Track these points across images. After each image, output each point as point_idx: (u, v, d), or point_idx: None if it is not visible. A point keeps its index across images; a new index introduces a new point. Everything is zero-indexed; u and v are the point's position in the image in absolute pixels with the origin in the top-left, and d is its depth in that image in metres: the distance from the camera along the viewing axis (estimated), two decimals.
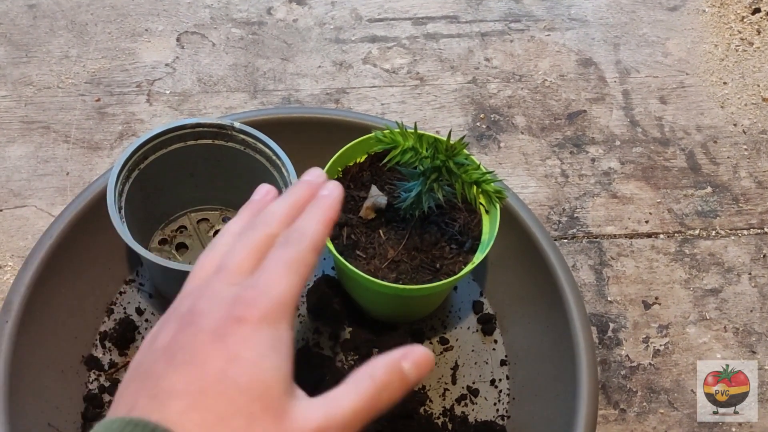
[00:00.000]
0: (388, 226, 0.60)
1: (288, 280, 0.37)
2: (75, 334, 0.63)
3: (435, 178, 0.55)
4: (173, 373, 0.34)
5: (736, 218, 0.75)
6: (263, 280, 0.37)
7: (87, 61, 0.84)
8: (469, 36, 0.88)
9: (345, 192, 0.58)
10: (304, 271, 0.38)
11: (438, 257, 0.59)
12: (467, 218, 0.61)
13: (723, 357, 0.67)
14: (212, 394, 0.33)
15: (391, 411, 0.58)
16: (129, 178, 0.61)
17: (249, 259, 0.39)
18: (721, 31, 0.89)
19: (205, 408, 0.33)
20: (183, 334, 0.36)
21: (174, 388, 0.34)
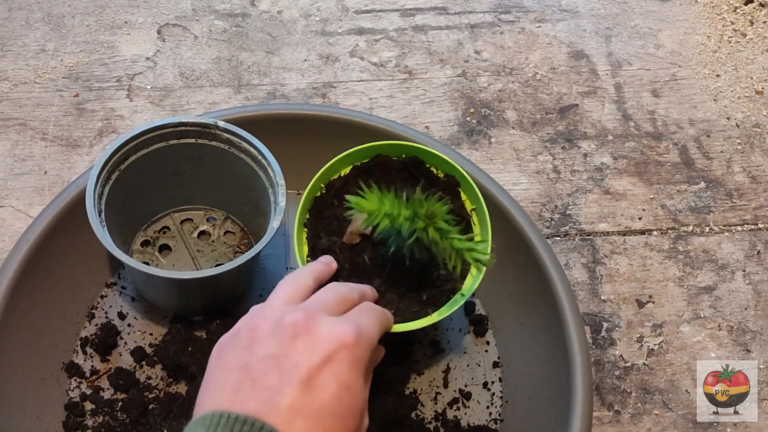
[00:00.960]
0: (373, 251, 0.57)
1: (378, 331, 0.47)
2: (55, 340, 0.61)
3: (414, 240, 0.51)
4: (293, 391, 0.40)
5: (730, 214, 0.74)
6: (362, 320, 0.45)
7: (64, 55, 0.81)
8: (459, 28, 0.86)
9: (328, 211, 0.59)
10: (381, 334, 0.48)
11: (426, 285, 0.56)
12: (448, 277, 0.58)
13: (717, 356, 0.66)
14: (329, 416, 0.40)
15: (383, 416, 0.57)
16: (109, 179, 0.59)
17: (338, 304, 0.47)
18: (713, 22, 0.88)
19: (324, 427, 0.40)
20: (293, 349, 0.41)
21: (296, 406, 0.39)
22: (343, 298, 0.47)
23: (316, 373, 0.40)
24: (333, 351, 0.41)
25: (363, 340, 0.43)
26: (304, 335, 0.42)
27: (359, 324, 0.44)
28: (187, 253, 0.66)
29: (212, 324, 0.61)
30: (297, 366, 0.40)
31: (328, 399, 0.40)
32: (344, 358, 0.41)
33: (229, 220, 0.68)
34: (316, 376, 0.40)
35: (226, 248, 0.67)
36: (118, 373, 0.60)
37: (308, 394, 0.40)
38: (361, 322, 0.44)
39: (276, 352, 0.41)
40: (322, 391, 0.40)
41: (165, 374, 0.61)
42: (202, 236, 0.67)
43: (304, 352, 0.41)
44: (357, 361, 0.42)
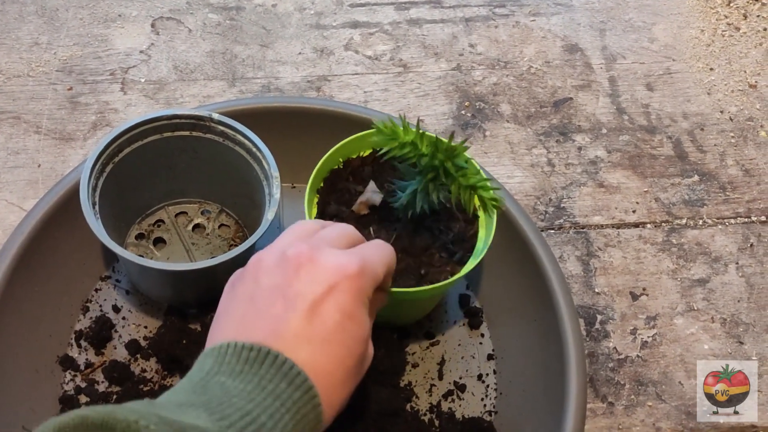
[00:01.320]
0: (379, 225, 0.58)
1: (383, 268, 0.46)
2: (49, 332, 0.61)
3: (431, 178, 0.52)
4: (297, 319, 0.41)
5: (723, 207, 0.74)
6: (366, 253, 0.45)
7: (58, 48, 0.81)
8: (453, 21, 0.86)
9: (342, 184, 0.60)
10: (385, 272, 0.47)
11: (425, 263, 0.57)
12: (463, 228, 0.59)
13: (710, 348, 0.66)
14: (334, 343, 0.41)
15: (377, 409, 0.58)
16: (103, 172, 0.59)
17: (344, 240, 0.47)
18: (707, 16, 0.88)
19: (329, 353, 0.41)
20: (296, 279, 0.42)
21: (301, 333, 0.40)
22: (348, 235, 0.48)
23: (320, 302, 0.41)
24: (336, 281, 0.42)
25: (366, 272, 0.43)
26: (308, 265, 0.42)
27: (363, 256, 0.44)
28: (182, 246, 0.66)
29: (207, 317, 0.61)
30: (301, 295, 0.41)
31: (332, 326, 0.41)
32: (347, 288, 0.42)
33: (223, 213, 0.68)
34: (319, 304, 0.41)
35: (220, 241, 0.67)
36: (113, 365, 0.60)
37: (312, 322, 0.41)
38: (365, 255, 0.44)
39: (280, 283, 0.42)
40: (326, 319, 0.41)
41: (160, 367, 0.61)
42: (196, 229, 0.67)
43: (308, 282, 0.42)
44: (360, 291, 0.43)
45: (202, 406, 0.37)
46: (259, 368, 0.39)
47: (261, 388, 0.38)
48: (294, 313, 0.41)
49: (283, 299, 0.41)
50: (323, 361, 0.40)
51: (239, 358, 0.39)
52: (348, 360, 0.42)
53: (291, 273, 0.42)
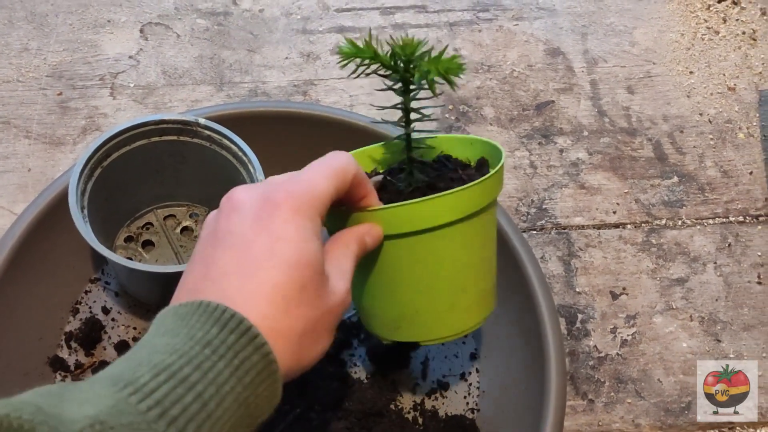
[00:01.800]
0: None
1: (323, 180, 0.41)
2: (39, 334, 0.62)
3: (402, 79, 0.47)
4: (223, 256, 0.38)
5: (702, 207, 0.76)
6: (305, 177, 0.41)
7: (48, 54, 0.82)
8: (438, 26, 0.87)
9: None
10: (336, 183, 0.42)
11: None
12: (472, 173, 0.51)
13: (689, 346, 0.68)
14: (265, 268, 0.37)
15: (362, 408, 0.59)
16: (92, 176, 0.60)
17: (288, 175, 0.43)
18: (687, 20, 0.89)
19: (259, 280, 0.37)
20: (227, 221, 0.40)
21: (227, 268, 0.38)
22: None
23: (248, 233, 0.39)
24: (263, 209, 0.39)
25: (299, 194, 0.40)
26: (238, 205, 0.40)
27: (292, 179, 0.41)
28: (171, 249, 0.67)
29: None
30: (229, 233, 0.39)
31: (259, 253, 0.38)
32: (276, 214, 0.39)
33: None
34: (247, 236, 0.39)
35: None
36: (103, 366, 0.61)
37: (239, 256, 0.38)
38: (295, 177, 0.42)
39: (214, 227, 0.40)
40: (253, 247, 0.38)
41: None
42: (185, 232, 0.69)
43: (236, 220, 0.40)
44: (293, 212, 0.39)
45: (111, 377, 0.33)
46: (190, 319, 0.36)
47: (189, 338, 0.35)
48: (221, 250, 0.39)
49: (214, 241, 0.40)
50: (254, 288, 0.37)
51: (174, 317, 0.36)
52: (287, 285, 0.38)
53: (222, 217, 0.40)
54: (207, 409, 0.33)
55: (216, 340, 0.34)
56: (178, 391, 0.32)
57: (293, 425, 0.58)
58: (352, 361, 0.64)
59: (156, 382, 0.32)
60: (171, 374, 0.33)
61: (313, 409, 0.59)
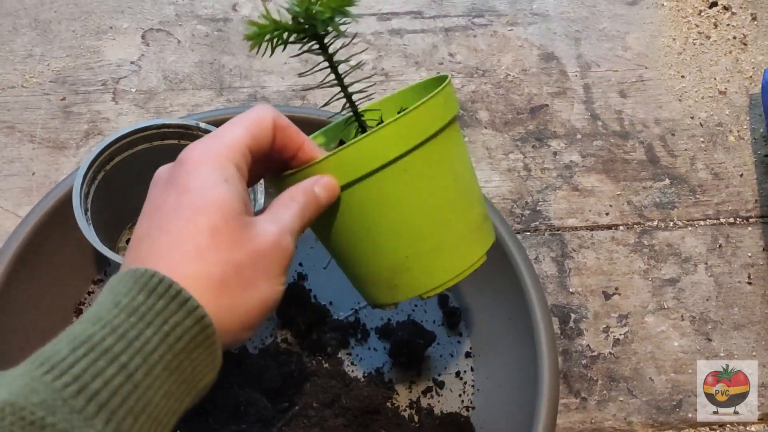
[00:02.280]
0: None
1: (231, 130, 0.40)
2: (43, 335, 0.63)
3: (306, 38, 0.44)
4: (143, 221, 0.38)
5: (693, 209, 0.77)
6: (213, 133, 0.41)
7: (51, 60, 0.83)
8: (433, 31, 0.89)
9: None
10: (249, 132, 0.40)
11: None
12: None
13: (680, 345, 0.69)
14: (170, 223, 0.37)
15: (358, 406, 0.60)
16: (95, 179, 0.61)
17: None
18: (679, 25, 0.91)
19: (169, 236, 0.36)
20: (148, 195, 0.40)
21: (141, 232, 0.38)
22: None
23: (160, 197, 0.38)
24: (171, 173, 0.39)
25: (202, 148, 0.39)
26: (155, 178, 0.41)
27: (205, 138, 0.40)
28: None
29: None
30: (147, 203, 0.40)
31: (168, 211, 0.37)
32: (182, 171, 0.38)
33: None
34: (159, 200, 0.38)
35: None
36: None
37: (152, 220, 0.38)
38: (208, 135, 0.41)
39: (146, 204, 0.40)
40: (163, 208, 0.38)
41: None
42: None
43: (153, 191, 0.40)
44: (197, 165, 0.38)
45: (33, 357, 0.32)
46: (117, 287, 0.34)
47: (114, 305, 0.33)
48: (140, 222, 0.39)
49: (143, 215, 0.39)
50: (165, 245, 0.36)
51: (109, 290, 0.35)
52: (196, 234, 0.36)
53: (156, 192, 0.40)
54: (133, 379, 0.32)
55: (143, 306, 0.33)
56: (100, 364, 0.31)
57: (291, 422, 0.59)
58: (350, 360, 0.65)
59: (74, 356, 0.31)
60: (92, 346, 0.31)
61: (311, 406, 0.60)
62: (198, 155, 0.39)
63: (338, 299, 0.68)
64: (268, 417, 0.60)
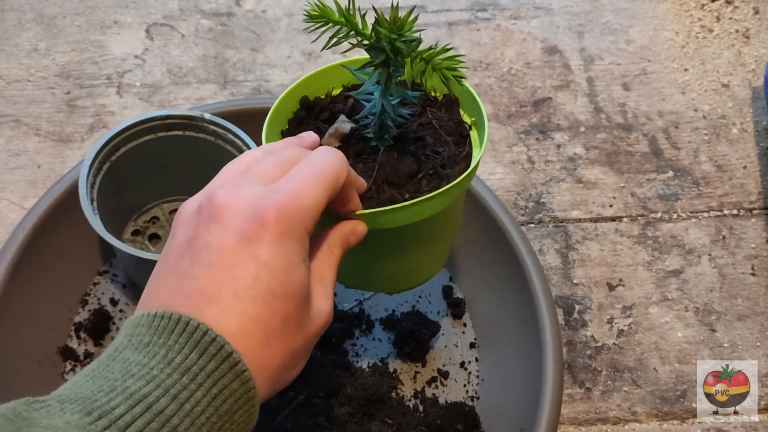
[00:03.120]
0: (356, 159, 0.49)
1: (315, 193, 0.38)
2: (50, 325, 0.64)
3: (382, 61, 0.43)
4: (202, 274, 0.35)
5: (697, 201, 0.77)
6: (290, 186, 0.37)
7: (56, 54, 0.84)
8: (437, 25, 0.89)
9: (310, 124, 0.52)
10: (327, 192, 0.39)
11: (412, 192, 0.48)
12: (453, 150, 0.49)
13: (684, 336, 0.69)
14: (247, 300, 0.35)
15: (363, 395, 0.60)
16: (100, 170, 0.62)
17: (276, 168, 0.39)
18: (681, 19, 0.91)
19: (241, 312, 0.34)
20: (207, 231, 0.36)
21: (206, 290, 0.35)
22: (286, 160, 0.40)
23: (230, 253, 0.35)
24: (249, 228, 0.35)
25: (289, 211, 0.36)
26: (219, 213, 0.36)
27: (285, 192, 0.37)
28: None
29: None
30: (207, 247, 0.35)
31: (242, 280, 0.35)
32: (263, 236, 0.35)
33: None
34: (229, 257, 0.35)
35: None
36: None
37: (220, 277, 0.35)
38: (288, 189, 0.37)
39: (191, 236, 0.36)
40: (236, 272, 0.35)
41: None
42: None
43: (217, 232, 0.36)
44: (282, 236, 0.36)
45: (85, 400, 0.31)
46: (168, 337, 0.33)
47: (168, 361, 0.33)
48: (199, 267, 0.35)
49: (190, 253, 0.36)
50: (234, 321, 0.34)
51: (149, 328, 0.34)
52: (269, 319, 0.35)
53: (202, 224, 0.36)
54: None
55: (195, 366, 0.33)
56: (153, 426, 0.31)
57: (297, 411, 0.60)
58: (354, 351, 0.65)
59: (131, 415, 0.31)
60: (147, 406, 0.31)
61: (316, 395, 0.61)
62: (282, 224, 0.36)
63: (343, 291, 0.68)
64: (273, 406, 0.60)
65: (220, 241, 0.36)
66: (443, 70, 0.43)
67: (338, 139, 0.50)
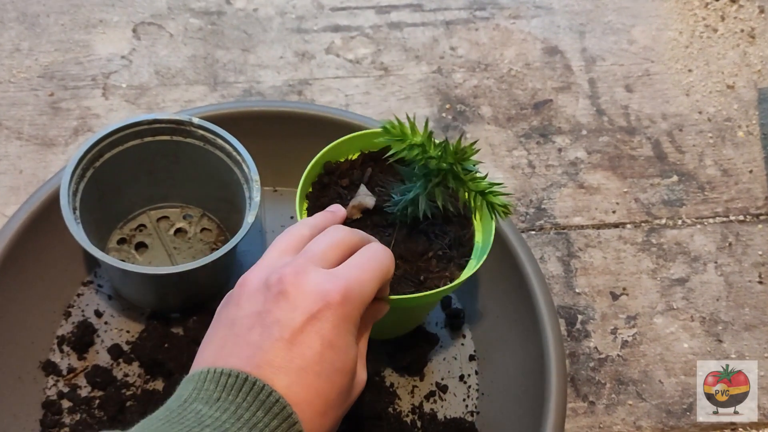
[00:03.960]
0: (373, 230, 0.55)
1: (374, 284, 0.44)
2: (32, 338, 0.61)
3: (438, 182, 0.51)
4: (273, 348, 0.39)
5: (702, 206, 0.75)
6: (353, 275, 0.43)
7: (39, 55, 0.81)
8: (434, 24, 0.86)
9: (333, 189, 0.58)
10: (379, 285, 0.45)
11: (423, 269, 0.55)
12: (459, 232, 0.57)
13: (690, 347, 0.67)
14: (312, 374, 0.39)
15: (360, 412, 0.58)
16: (84, 177, 0.59)
17: (334, 252, 0.45)
18: (685, 18, 0.89)
19: (307, 384, 0.39)
20: (277, 307, 0.41)
21: (277, 362, 0.39)
22: (339, 244, 0.46)
23: (299, 331, 0.40)
24: (317, 309, 0.40)
25: (352, 297, 0.42)
26: (289, 292, 0.41)
27: (349, 279, 0.42)
28: (164, 251, 0.66)
29: (189, 321, 0.61)
30: (278, 323, 0.40)
31: (310, 357, 0.40)
32: (328, 317, 0.41)
33: (205, 217, 0.68)
34: (297, 334, 0.40)
35: (202, 245, 0.67)
36: (95, 370, 0.60)
37: (289, 351, 0.39)
38: (351, 277, 0.43)
39: (260, 309, 0.41)
40: (304, 349, 0.40)
41: (142, 371, 0.61)
42: (178, 233, 0.68)
43: (287, 309, 0.40)
44: (344, 318, 0.41)
45: None
46: (237, 395, 0.37)
47: (237, 417, 0.37)
48: (270, 341, 0.40)
49: (261, 326, 0.40)
50: (301, 392, 0.39)
51: (217, 385, 0.38)
52: (329, 392, 0.40)
53: (271, 299, 0.41)
54: None
55: (260, 423, 0.37)
56: None
57: None
58: None
59: None
60: None
61: None
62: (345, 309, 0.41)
63: None
64: None
65: (290, 319, 0.40)
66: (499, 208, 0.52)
67: (360, 211, 0.56)
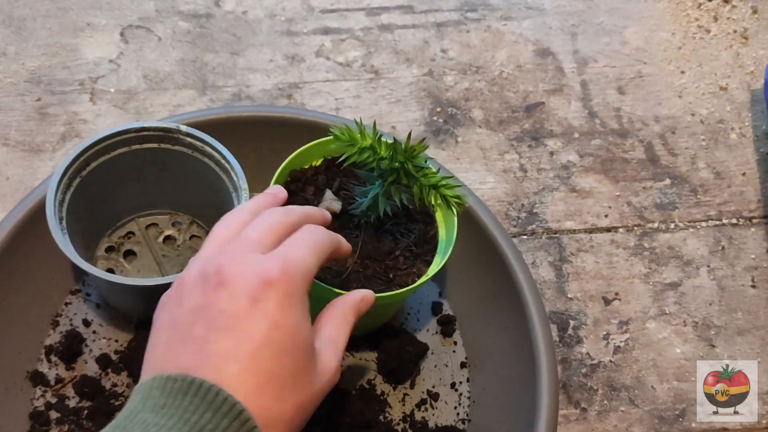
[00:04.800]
0: (341, 233, 0.56)
1: (313, 258, 0.43)
2: (19, 348, 0.60)
3: (392, 180, 0.52)
4: (220, 338, 0.38)
5: (695, 210, 0.75)
6: (292, 254, 0.42)
7: (26, 59, 0.80)
8: (425, 27, 0.86)
9: (298, 196, 0.59)
10: (319, 260, 0.44)
11: (391, 267, 0.56)
12: (423, 229, 0.59)
13: (683, 352, 0.67)
14: (261, 358, 0.38)
15: (350, 421, 0.58)
16: (70, 186, 0.58)
17: (270, 235, 0.44)
18: (678, 19, 0.88)
19: (256, 369, 0.38)
20: (217, 296, 0.39)
21: (225, 352, 0.38)
22: (275, 227, 0.45)
23: (243, 316, 0.39)
24: (258, 291, 0.39)
25: (291, 273, 0.41)
26: (228, 280, 0.40)
27: (287, 257, 0.41)
28: (153, 259, 0.66)
29: None
30: (222, 313, 0.39)
31: (258, 339, 0.38)
32: (272, 296, 0.39)
33: (194, 224, 0.68)
34: (243, 319, 0.39)
35: (192, 253, 0.66)
36: (84, 380, 0.60)
37: (236, 338, 0.38)
38: (289, 255, 0.42)
39: (201, 302, 0.40)
40: (252, 333, 0.38)
41: (131, 381, 0.60)
42: (167, 241, 0.67)
43: (228, 298, 0.39)
44: (287, 295, 0.40)
45: None
46: (183, 399, 0.36)
47: (184, 421, 0.35)
48: (216, 331, 0.38)
49: (204, 319, 0.39)
50: (251, 379, 0.38)
51: (162, 391, 0.36)
52: (282, 374, 0.39)
53: (211, 291, 0.40)
54: None
55: (210, 425, 0.35)
56: None
57: None
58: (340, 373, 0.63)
59: None
60: None
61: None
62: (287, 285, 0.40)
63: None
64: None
65: (233, 306, 0.39)
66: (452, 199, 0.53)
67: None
